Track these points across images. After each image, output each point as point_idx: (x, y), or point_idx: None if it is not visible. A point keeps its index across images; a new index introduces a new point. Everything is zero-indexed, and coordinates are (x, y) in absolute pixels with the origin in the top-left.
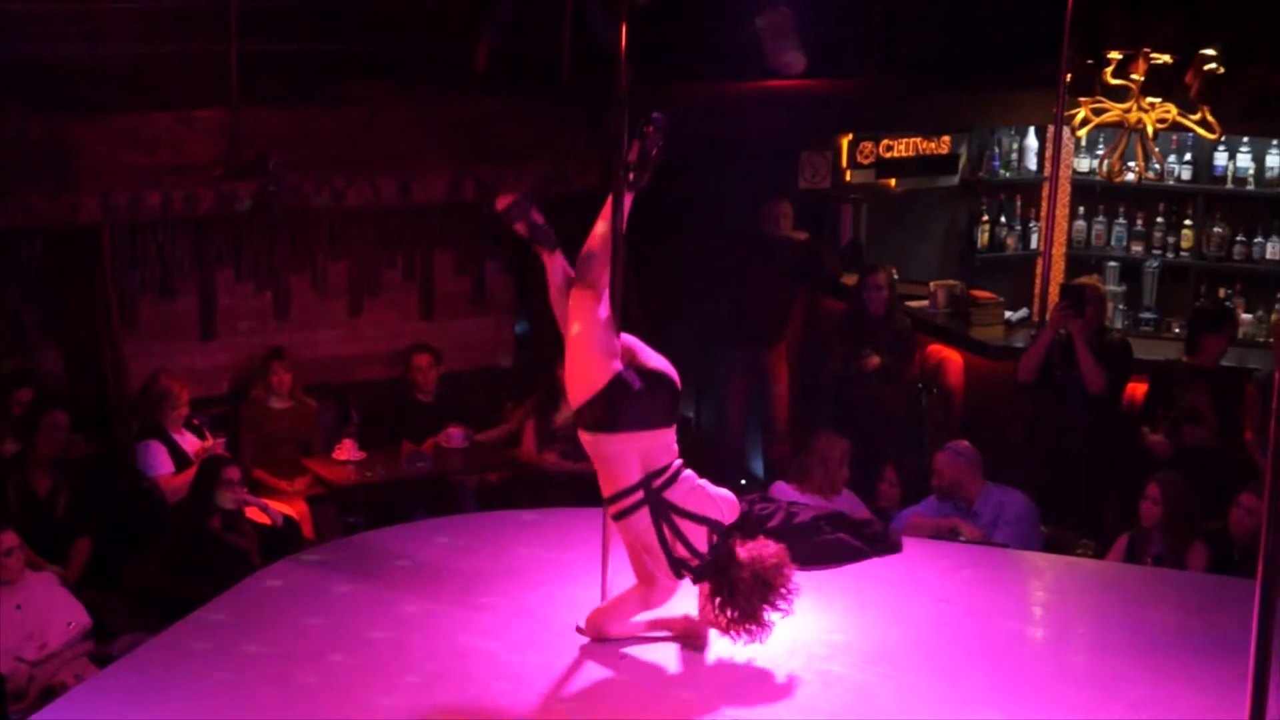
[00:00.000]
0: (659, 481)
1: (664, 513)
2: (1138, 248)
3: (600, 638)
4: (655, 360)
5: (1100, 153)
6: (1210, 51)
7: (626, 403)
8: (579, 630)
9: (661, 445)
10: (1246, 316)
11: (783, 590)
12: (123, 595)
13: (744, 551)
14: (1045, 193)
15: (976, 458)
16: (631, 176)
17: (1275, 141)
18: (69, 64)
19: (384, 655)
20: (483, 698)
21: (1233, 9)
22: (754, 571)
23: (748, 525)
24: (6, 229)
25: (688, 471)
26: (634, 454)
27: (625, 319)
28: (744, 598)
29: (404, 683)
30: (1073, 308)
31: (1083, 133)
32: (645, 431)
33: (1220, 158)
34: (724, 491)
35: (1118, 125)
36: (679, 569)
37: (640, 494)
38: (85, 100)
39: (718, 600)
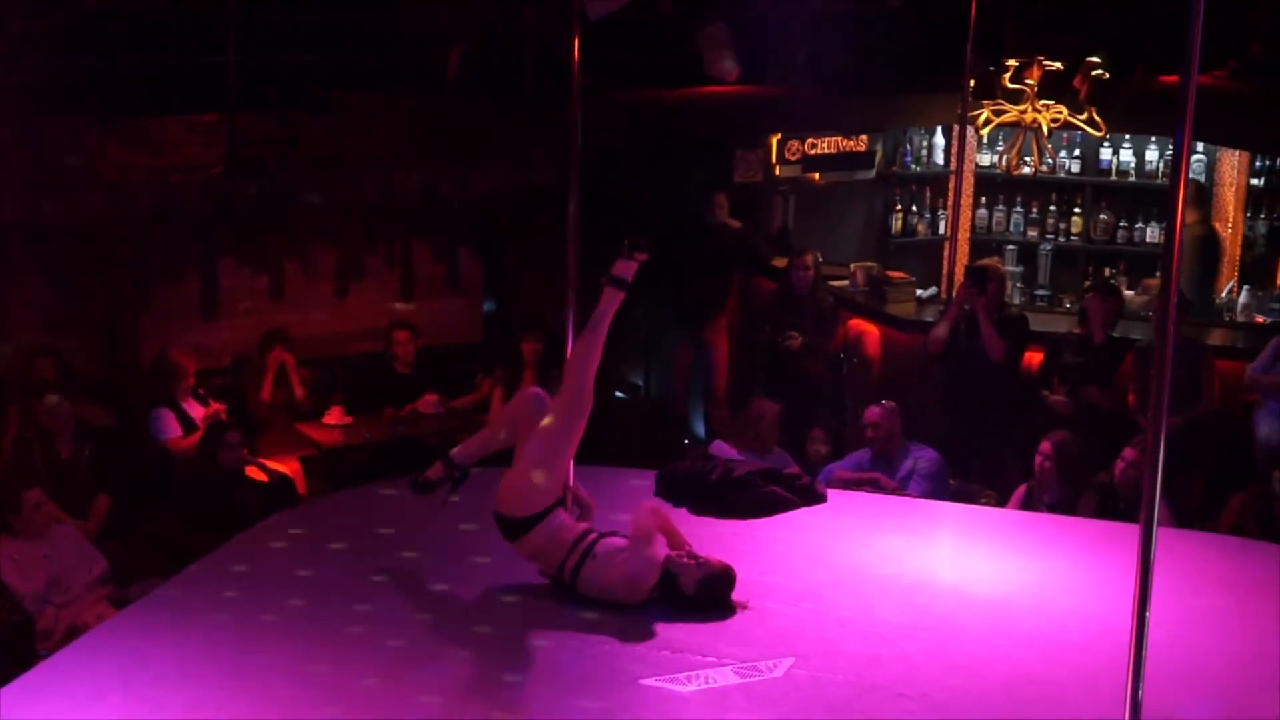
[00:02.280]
0: (568, 571)
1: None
2: (1033, 233)
3: None
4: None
5: (1000, 149)
6: (1096, 59)
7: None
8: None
9: (545, 540)
10: (1129, 293)
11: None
12: (138, 545)
13: (689, 585)
14: (951, 185)
15: (901, 416)
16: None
17: (1153, 138)
18: (87, 75)
19: (371, 597)
20: (460, 635)
21: (1114, 22)
22: (705, 595)
23: (691, 481)
24: (32, 223)
25: (602, 547)
26: (526, 554)
27: (580, 305)
28: (708, 604)
29: (388, 624)
30: (975, 286)
31: (985, 131)
32: (516, 541)
33: (1105, 153)
34: (648, 558)
35: (1015, 125)
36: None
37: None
38: (101, 108)
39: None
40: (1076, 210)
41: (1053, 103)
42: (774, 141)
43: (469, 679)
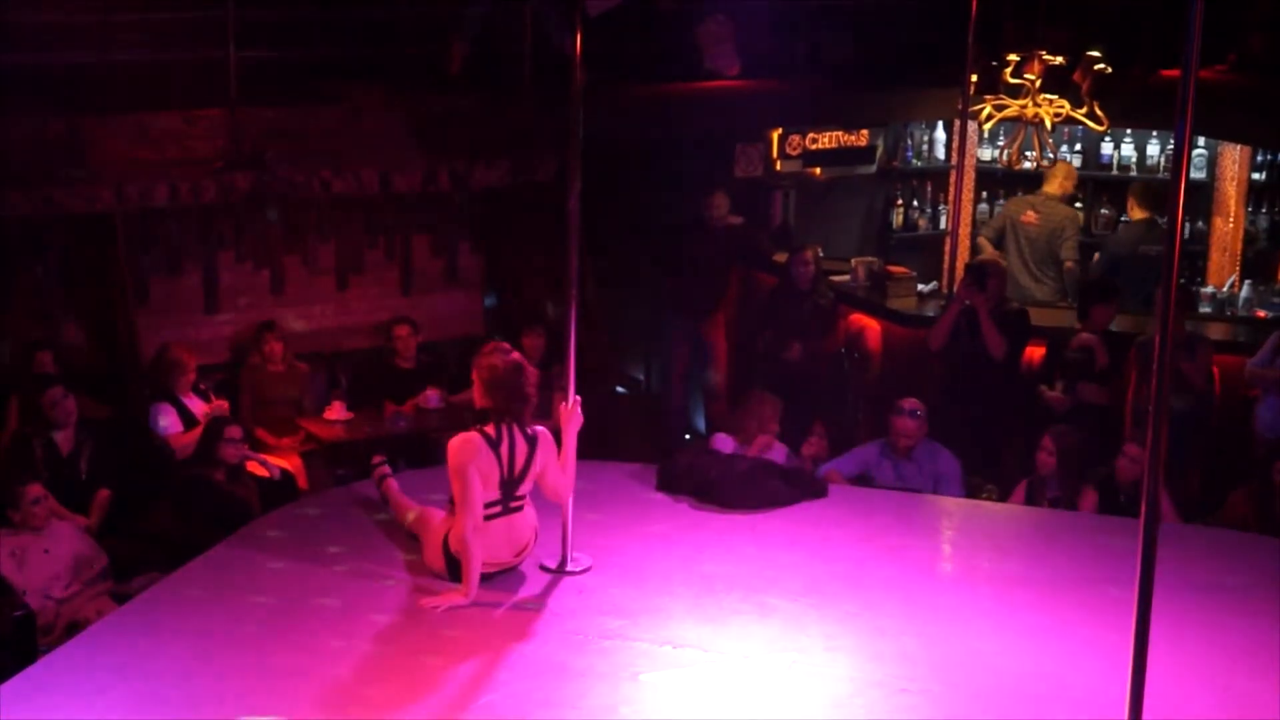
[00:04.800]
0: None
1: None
2: None
3: None
4: None
5: (1001, 144)
6: (1096, 54)
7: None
8: None
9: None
10: None
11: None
12: (138, 540)
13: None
14: (953, 179)
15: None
16: None
17: (1155, 133)
18: (86, 69)
19: (369, 590)
20: (460, 631)
21: (1114, 16)
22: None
23: (692, 475)
24: (32, 216)
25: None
26: None
27: (581, 300)
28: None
29: (389, 620)
30: (975, 284)
31: (987, 126)
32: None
33: (1106, 147)
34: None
35: (1017, 119)
36: None
37: None
38: (101, 102)
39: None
40: (1078, 205)
41: (1055, 97)
42: (775, 136)
43: (470, 675)
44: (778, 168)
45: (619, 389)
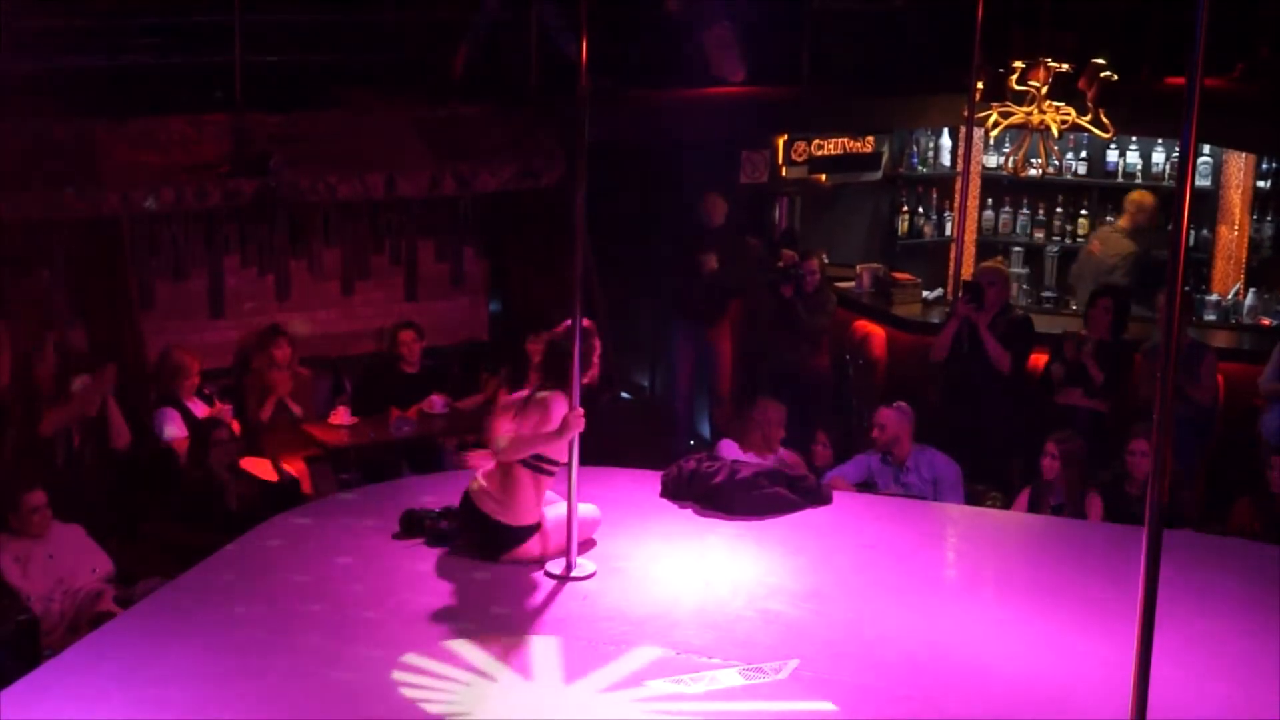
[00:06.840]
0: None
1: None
2: (1039, 234)
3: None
4: None
5: (1006, 150)
6: (1102, 60)
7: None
8: None
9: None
10: None
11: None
12: (142, 545)
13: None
14: (958, 186)
15: (914, 419)
16: None
17: (1160, 141)
18: (93, 74)
19: (370, 594)
20: (463, 635)
21: (1120, 23)
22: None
23: (696, 481)
24: (39, 220)
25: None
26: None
27: (587, 302)
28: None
29: (392, 626)
30: (973, 301)
31: (993, 133)
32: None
33: (1112, 155)
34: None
35: (1022, 126)
36: None
37: None
38: (107, 106)
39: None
40: (1083, 212)
41: (1061, 104)
42: (780, 143)
43: (472, 679)
44: (783, 174)
45: (623, 395)
